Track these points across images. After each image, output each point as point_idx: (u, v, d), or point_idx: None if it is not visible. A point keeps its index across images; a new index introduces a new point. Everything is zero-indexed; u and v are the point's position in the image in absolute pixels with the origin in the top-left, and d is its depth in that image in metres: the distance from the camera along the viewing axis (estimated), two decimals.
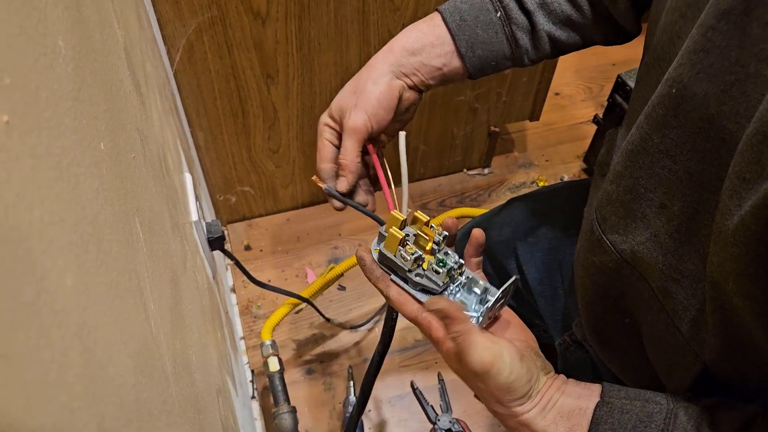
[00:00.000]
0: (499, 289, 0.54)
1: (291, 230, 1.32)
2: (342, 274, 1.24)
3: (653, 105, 0.48)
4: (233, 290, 1.22)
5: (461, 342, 0.48)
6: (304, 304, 1.06)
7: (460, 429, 0.94)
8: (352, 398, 1.06)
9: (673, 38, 0.49)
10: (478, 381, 0.49)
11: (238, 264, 0.85)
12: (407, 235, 0.56)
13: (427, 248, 0.55)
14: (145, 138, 0.47)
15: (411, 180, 1.42)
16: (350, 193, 0.68)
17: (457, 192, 1.43)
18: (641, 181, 0.51)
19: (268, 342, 1.04)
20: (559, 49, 0.69)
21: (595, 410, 0.49)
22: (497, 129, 1.38)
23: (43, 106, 0.21)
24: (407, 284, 0.55)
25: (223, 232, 0.77)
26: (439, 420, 0.96)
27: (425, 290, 0.55)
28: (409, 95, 0.67)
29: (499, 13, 0.66)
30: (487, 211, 1.04)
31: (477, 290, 0.56)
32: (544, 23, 0.66)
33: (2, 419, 0.15)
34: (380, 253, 0.56)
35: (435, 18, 0.67)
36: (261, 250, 1.28)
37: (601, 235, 0.56)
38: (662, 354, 0.56)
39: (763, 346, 0.44)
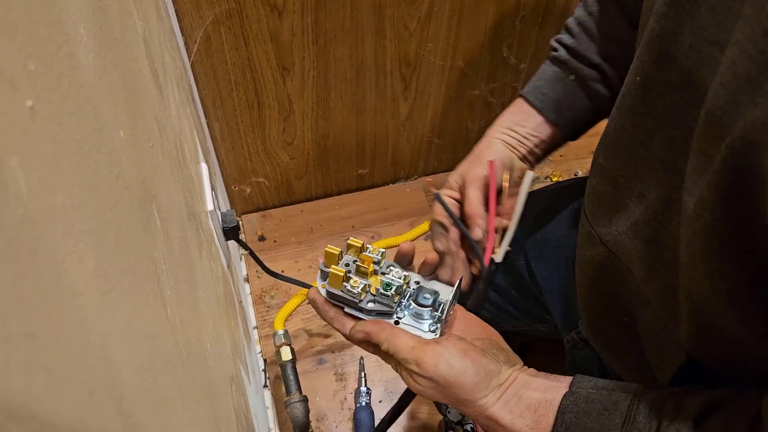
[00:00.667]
0: (449, 290, 0.56)
1: (304, 221, 1.32)
2: None
3: (622, 95, 0.50)
4: (247, 280, 1.23)
5: (390, 347, 0.51)
6: None
7: (471, 421, 0.94)
8: (364, 389, 1.06)
9: (642, 29, 0.50)
10: (431, 387, 0.51)
11: (252, 254, 0.86)
12: (348, 268, 0.56)
13: (370, 272, 0.56)
14: (163, 127, 0.47)
15: (425, 173, 1.42)
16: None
17: None
18: (620, 172, 0.52)
19: (280, 331, 1.04)
20: None
21: (561, 400, 0.49)
22: None
23: (65, 92, 0.22)
24: (362, 314, 0.55)
25: (237, 222, 0.78)
26: (449, 411, 0.96)
27: (381, 313, 0.55)
28: (520, 165, 0.73)
29: (572, 75, 0.73)
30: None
31: (427, 296, 0.56)
32: (609, 70, 0.71)
33: (24, 398, 0.15)
34: (327, 291, 0.56)
35: (521, 103, 0.75)
36: (275, 241, 1.29)
37: (590, 228, 0.57)
38: (653, 347, 0.56)
39: (732, 330, 0.44)
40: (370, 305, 0.54)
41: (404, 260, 0.60)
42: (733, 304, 0.42)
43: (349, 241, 0.57)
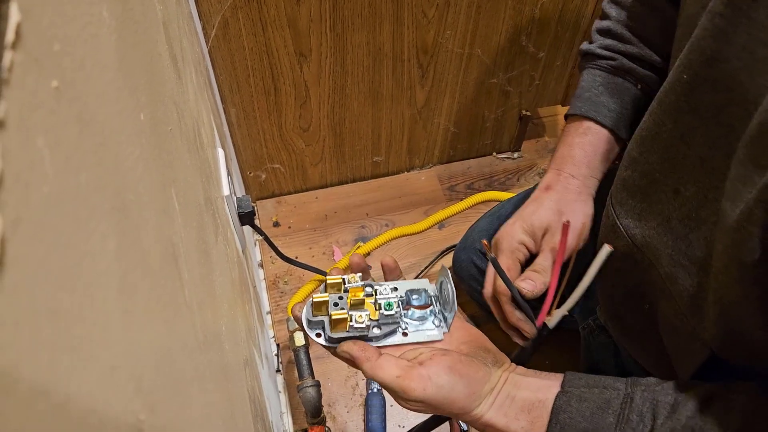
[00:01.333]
0: (429, 284, 0.56)
1: (319, 208, 1.33)
2: (369, 253, 1.24)
3: (665, 91, 0.49)
4: (261, 265, 1.24)
5: (375, 378, 0.50)
6: None
7: None
8: None
9: (691, 26, 0.48)
10: (424, 407, 0.50)
11: (267, 239, 0.86)
12: (339, 307, 0.53)
13: (359, 297, 0.53)
14: (182, 112, 0.47)
15: (441, 162, 1.41)
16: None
17: (486, 175, 1.42)
18: (656, 167, 0.51)
19: None
20: None
21: (555, 400, 0.49)
22: (529, 113, 1.36)
23: (89, 74, 0.22)
24: (372, 342, 0.54)
25: (253, 207, 0.78)
26: None
27: (388, 334, 0.54)
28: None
29: (640, 85, 0.69)
30: (514, 195, 1.03)
31: (416, 296, 0.56)
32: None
33: (49, 374, 0.15)
34: (329, 338, 0.53)
35: (590, 126, 0.70)
36: (289, 227, 1.30)
37: (615, 220, 0.56)
38: (673, 340, 0.56)
39: (760, 334, 0.44)
40: (377, 331, 0.54)
41: (365, 273, 0.58)
42: (764, 310, 0.42)
43: (328, 281, 0.55)
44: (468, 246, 0.99)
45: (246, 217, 0.78)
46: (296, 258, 1.18)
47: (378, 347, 0.53)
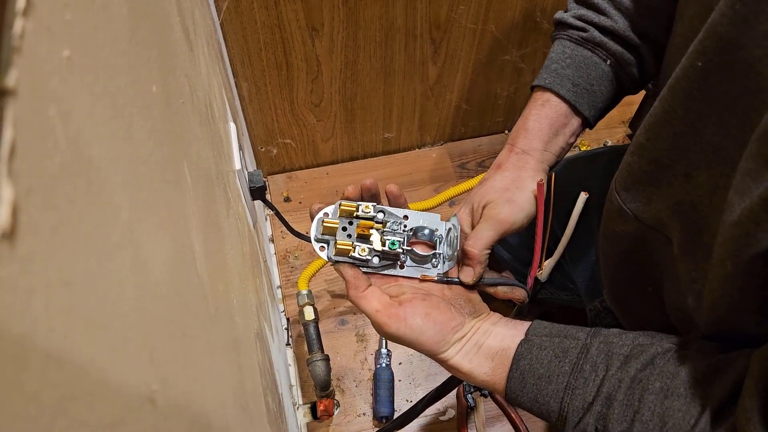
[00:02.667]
0: (442, 223, 0.59)
1: (330, 184, 1.33)
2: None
3: (678, 78, 0.47)
4: (272, 240, 1.24)
5: (358, 306, 0.54)
6: None
7: None
8: (384, 350, 1.08)
9: (705, 11, 0.47)
10: (396, 341, 0.54)
11: (278, 214, 0.86)
12: (347, 232, 0.57)
13: (367, 233, 0.57)
14: (193, 85, 0.47)
15: (452, 139, 1.41)
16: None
17: (497, 153, 1.41)
18: (665, 153, 0.50)
19: (304, 292, 1.06)
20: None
21: (517, 348, 0.52)
22: None
23: (101, 45, 0.22)
24: (369, 269, 0.58)
25: (264, 182, 0.78)
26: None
27: (387, 265, 0.58)
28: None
29: (609, 60, 0.65)
30: None
31: (425, 232, 0.59)
32: (646, 51, 0.65)
33: (64, 342, 0.16)
34: (330, 258, 0.57)
35: (550, 98, 0.66)
36: (300, 203, 1.30)
37: (620, 204, 0.56)
38: (682, 320, 0.56)
39: (749, 328, 0.44)
40: (376, 261, 0.57)
41: (377, 198, 0.60)
42: (754, 309, 0.43)
43: (342, 206, 0.57)
44: None
45: (257, 192, 0.78)
46: (307, 233, 1.18)
47: (370, 274, 0.57)
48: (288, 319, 1.14)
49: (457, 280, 0.58)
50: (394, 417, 1.02)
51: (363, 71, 1.16)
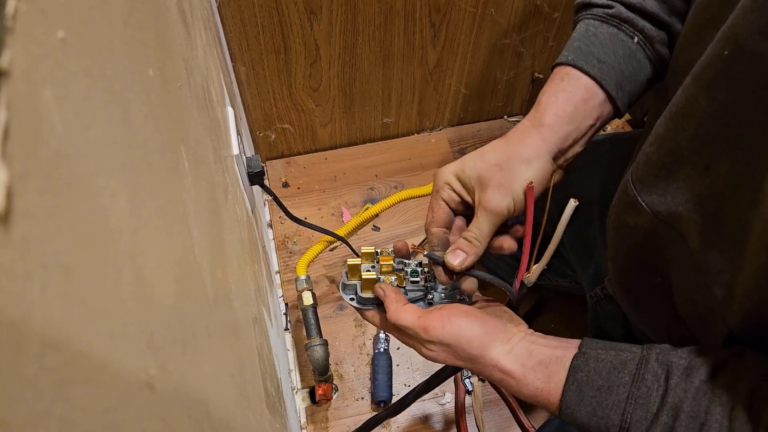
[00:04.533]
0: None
1: (328, 169, 1.32)
2: (377, 215, 1.24)
3: (702, 66, 0.46)
4: (270, 225, 1.24)
5: (397, 320, 0.54)
6: (338, 243, 1.08)
7: None
8: (382, 335, 1.08)
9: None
10: (442, 350, 0.53)
11: (276, 199, 0.86)
12: (373, 272, 0.61)
13: (390, 263, 0.61)
14: (191, 69, 0.47)
15: (451, 124, 1.40)
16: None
17: (496, 138, 1.41)
18: (684, 144, 0.48)
19: (302, 277, 1.06)
20: None
21: (572, 360, 0.50)
22: (541, 75, 1.34)
23: (97, 27, 0.22)
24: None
25: (262, 167, 0.78)
26: None
27: (415, 300, 0.60)
28: (558, 177, 0.60)
29: (636, 38, 0.60)
30: None
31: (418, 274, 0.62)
32: (678, 29, 0.60)
33: (62, 327, 0.15)
34: (359, 299, 0.61)
35: (570, 72, 0.60)
36: (298, 188, 1.30)
37: (636, 197, 0.54)
38: (694, 314, 0.55)
39: None
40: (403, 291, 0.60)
41: (402, 254, 0.63)
42: None
43: (362, 251, 0.61)
44: None
45: (255, 177, 0.78)
46: (305, 218, 1.18)
47: None
48: (287, 305, 1.14)
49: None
50: (392, 401, 1.03)
51: (362, 55, 1.15)
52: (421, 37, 1.16)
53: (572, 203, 0.55)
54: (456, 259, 0.56)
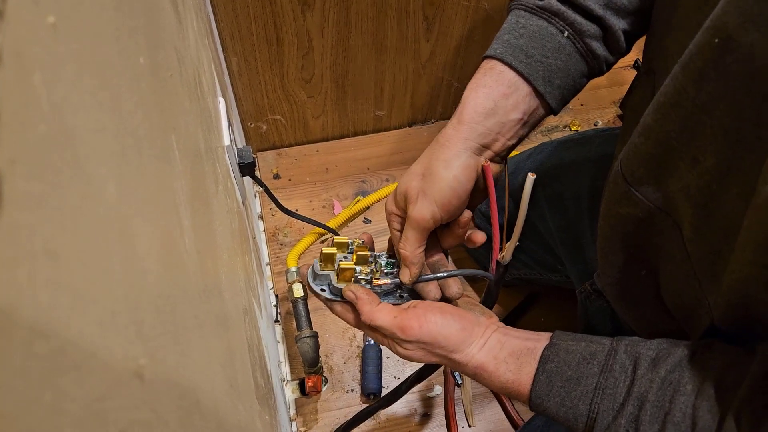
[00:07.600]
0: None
1: (320, 161, 1.32)
2: (368, 207, 1.24)
3: (691, 55, 0.45)
4: (261, 217, 1.24)
5: (371, 321, 0.54)
6: (329, 235, 1.08)
7: None
8: None
9: None
10: (420, 348, 0.53)
11: (267, 191, 0.86)
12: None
13: (365, 253, 0.60)
14: (182, 58, 0.46)
15: (443, 118, 1.40)
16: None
17: None
18: (673, 135, 0.48)
19: (293, 269, 1.06)
20: (633, 39, 0.64)
21: (543, 351, 0.51)
22: None
23: (87, 12, 0.21)
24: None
25: (254, 158, 0.77)
26: None
27: (387, 293, 0.61)
28: (494, 168, 0.59)
29: (566, 32, 0.59)
30: (517, 153, 1.02)
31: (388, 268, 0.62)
32: (616, 22, 0.59)
33: (50, 315, 0.15)
34: (331, 289, 0.60)
35: (495, 66, 0.59)
36: (290, 180, 1.29)
37: (628, 188, 0.54)
38: (680, 305, 0.56)
39: (764, 317, 0.44)
40: (377, 289, 0.59)
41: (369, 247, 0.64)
42: None
43: (335, 240, 0.61)
44: None
45: (246, 168, 0.78)
46: (296, 210, 1.18)
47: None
48: (277, 296, 1.14)
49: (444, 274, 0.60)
50: (382, 394, 1.03)
51: (355, 47, 1.15)
52: (414, 31, 1.15)
53: (530, 177, 0.55)
54: (405, 276, 0.59)
